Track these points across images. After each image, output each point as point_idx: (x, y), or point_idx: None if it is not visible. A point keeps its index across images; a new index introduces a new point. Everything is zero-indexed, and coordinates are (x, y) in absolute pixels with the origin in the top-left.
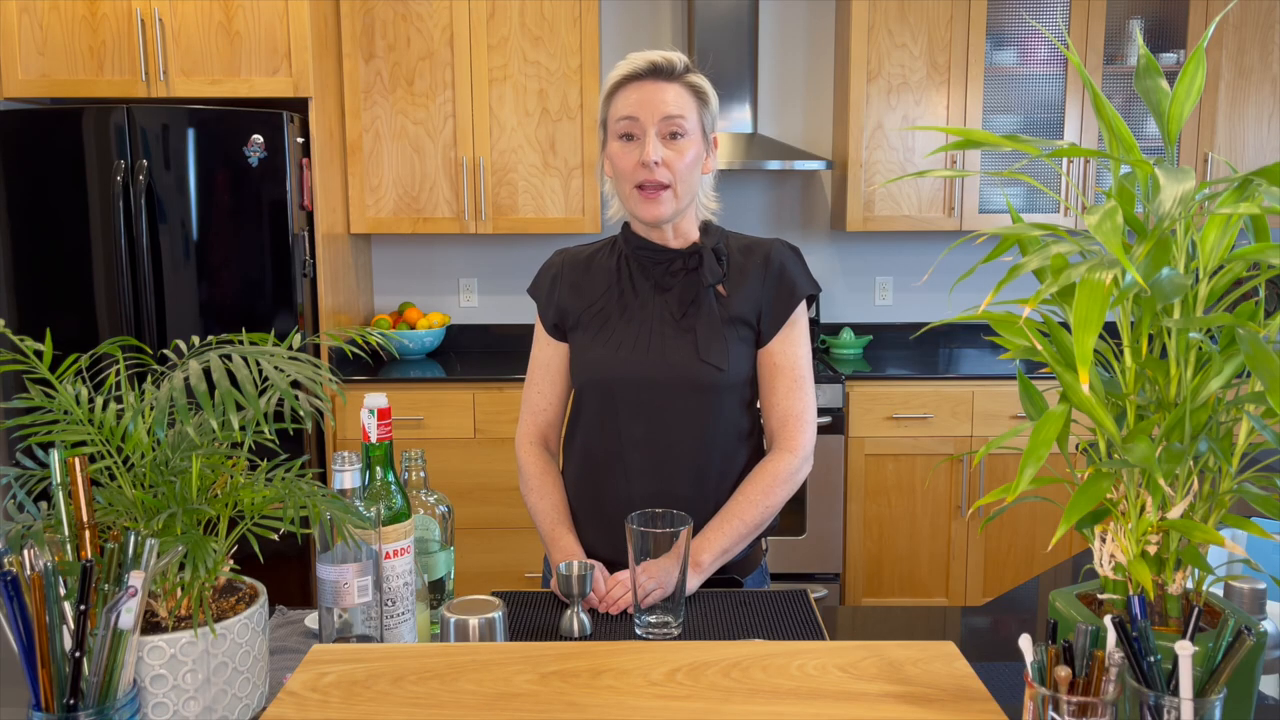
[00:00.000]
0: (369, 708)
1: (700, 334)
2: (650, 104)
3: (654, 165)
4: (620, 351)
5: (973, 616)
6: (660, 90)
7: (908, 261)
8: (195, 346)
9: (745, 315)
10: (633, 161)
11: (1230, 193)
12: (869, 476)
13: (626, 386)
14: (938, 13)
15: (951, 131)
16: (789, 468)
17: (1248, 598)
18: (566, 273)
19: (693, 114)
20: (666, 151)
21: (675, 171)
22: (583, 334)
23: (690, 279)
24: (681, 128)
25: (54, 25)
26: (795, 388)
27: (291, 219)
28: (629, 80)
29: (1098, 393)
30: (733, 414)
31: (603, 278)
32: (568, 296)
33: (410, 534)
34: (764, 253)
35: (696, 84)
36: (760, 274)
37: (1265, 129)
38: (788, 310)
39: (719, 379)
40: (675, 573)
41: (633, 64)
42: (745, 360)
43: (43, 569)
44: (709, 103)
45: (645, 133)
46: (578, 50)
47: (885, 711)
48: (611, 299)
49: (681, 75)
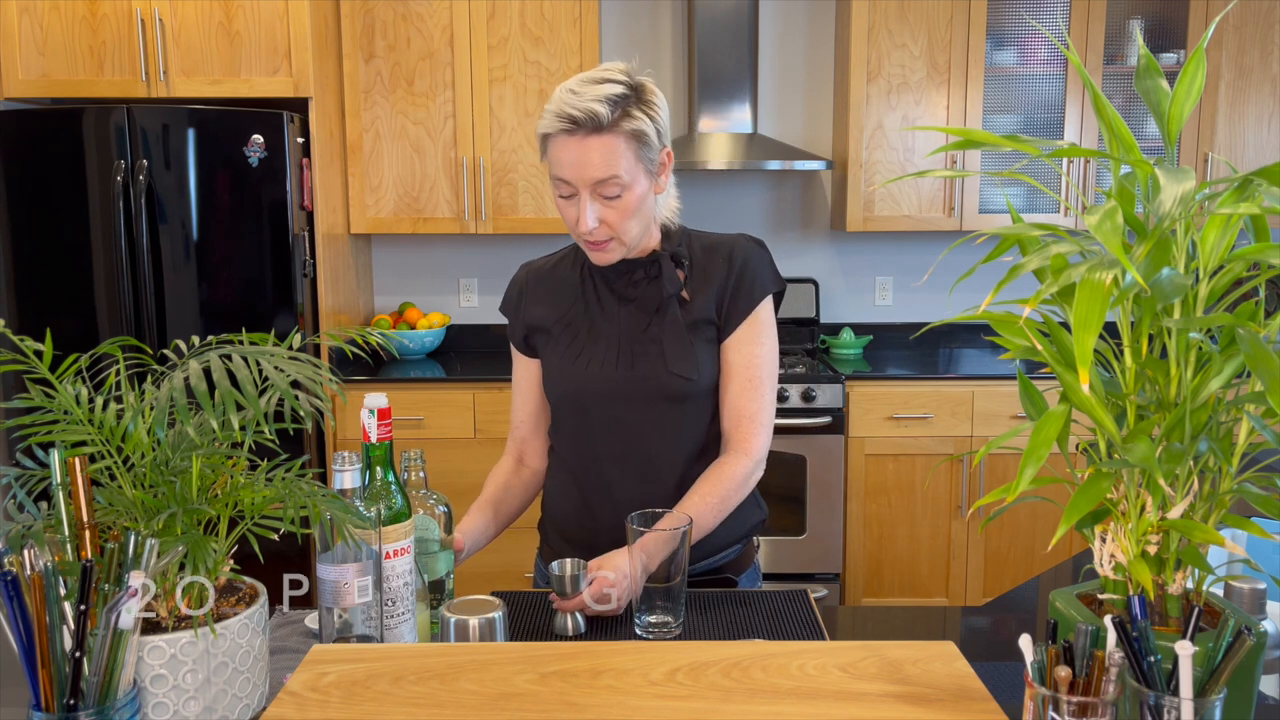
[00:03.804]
0: (369, 708)
1: (667, 344)
2: (579, 165)
3: (591, 230)
4: (590, 368)
5: (973, 616)
6: (588, 150)
7: (908, 261)
8: (195, 346)
9: (708, 315)
10: (572, 219)
11: (1230, 193)
12: (869, 476)
13: (599, 402)
14: (938, 13)
15: (951, 131)
16: (743, 470)
17: (1248, 598)
18: (531, 287)
19: (628, 162)
20: (604, 210)
21: (616, 226)
22: (552, 349)
23: (653, 287)
24: (617, 185)
25: (54, 25)
26: (749, 388)
27: (291, 219)
28: (555, 134)
29: (1098, 393)
30: (710, 418)
31: (567, 291)
32: (533, 311)
33: (410, 534)
34: (727, 251)
35: (631, 129)
36: (723, 272)
37: (1265, 129)
38: (748, 308)
39: (689, 388)
40: (625, 567)
41: (556, 117)
42: (715, 363)
43: (43, 569)
44: (648, 139)
45: (579, 195)
46: (578, 50)
47: (885, 711)
48: (578, 312)
49: (613, 125)
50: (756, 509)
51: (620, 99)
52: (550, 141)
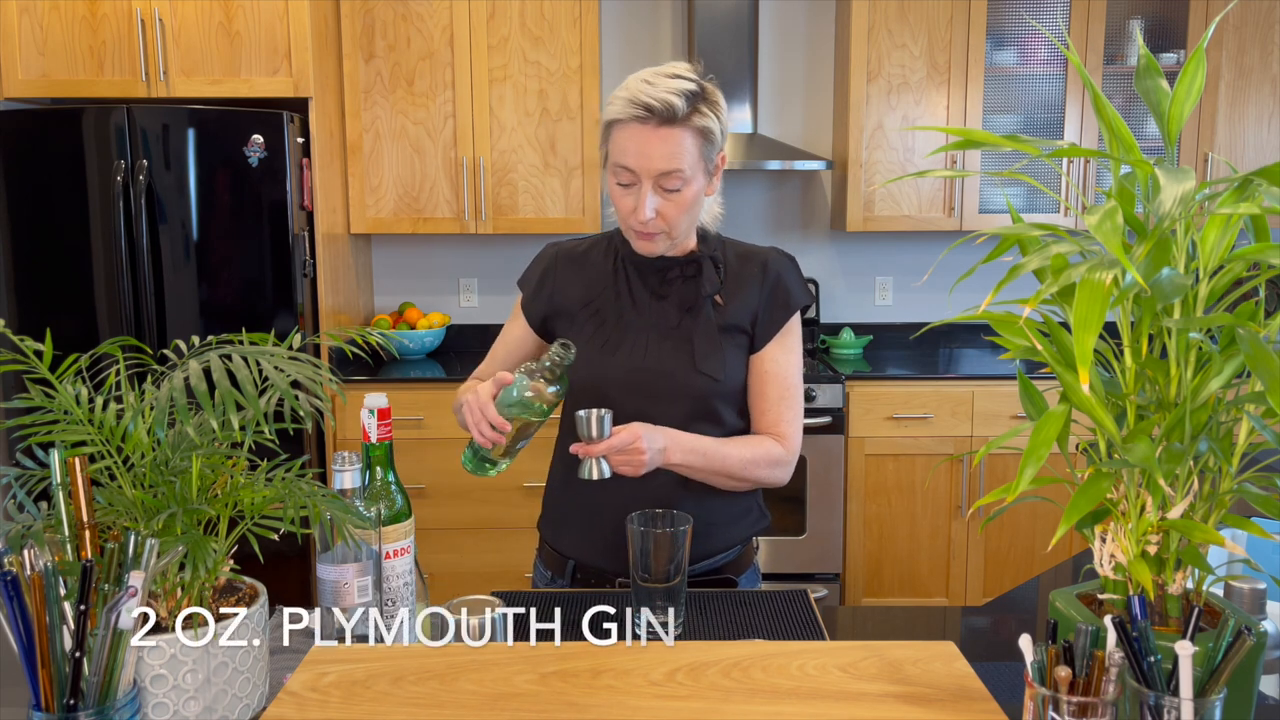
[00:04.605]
0: (369, 708)
1: (697, 343)
2: (646, 156)
3: (647, 220)
4: (616, 357)
5: (973, 616)
6: (657, 141)
7: (908, 261)
8: (195, 346)
9: (741, 323)
10: (628, 208)
11: (1230, 193)
12: (869, 476)
13: (620, 393)
14: (938, 13)
15: (951, 131)
16: (779, 453)
17: (1248, 598)
18: (561, 267)
19: (692, 158)
20: (663, 203)
21: (670, 220)
22: (576, 334)
23: (687, 287)
24: (679, 179)
25: (54, 25)
26: (786, 395)
27: (291, 219)
28: (626, 121)
29: (1098, 393)
30: (726, 420)
31: (598, 277)
32: (562, 293)
33: (410, 534)
34: (761, 261)
35: (700, 125)
36: (757, 282)
37: (1265, 129)
38: (783, 319)
39: (714, 388)
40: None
41: (630, 104)
42: (740, 368)
43: (43, 569)
44: (714, 138)
45: (640, 184)
46: (578, 50)
47: (885, 711)
48: (607, 301)
49: (685, 119)
50: (761, 515)
51: (692, 95)
52: (618, 128)
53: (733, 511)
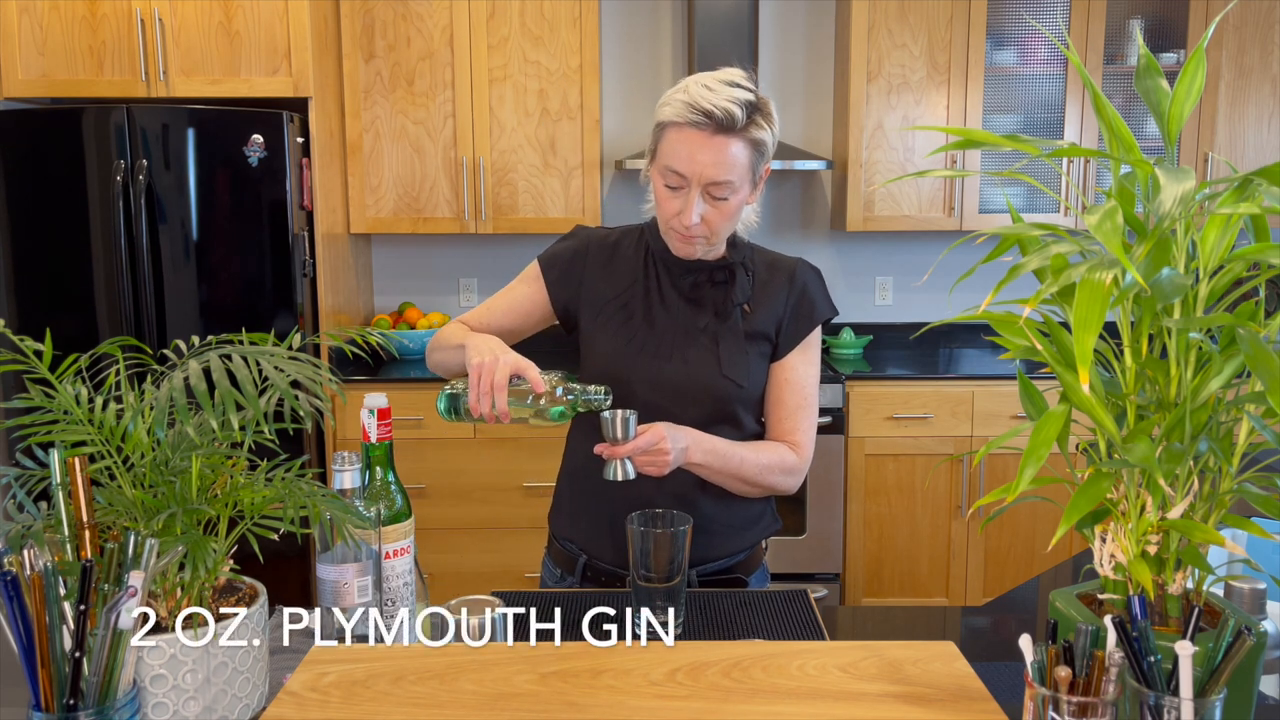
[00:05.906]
0: (369, 708)
1: (723, 348)
2: (699, 163)
3: (692, 225)
4: (643, 353)
5: (973, 616)
6: (712, 149)
7: (908, 261)
8: (195, 346)
9: (766, 330)
10: (672, 210)
11: (1230, 193)
12: (869, 476)
13: (644, 389)
14: (938, 13)
15: (951, 131)
16: (793, 460)
17: (1248, 598)
18: (594, 254)
19: (743, 168)
20: (709, 209)
21: (713, 227)
22: (601, 327)
23: (717, 291)
24: (729, 189)
25: (54, 25)
26: (803, 404)
27: (291, 219)
28: (682, 124)
29: (1098, 393)
30: (745, 424)
31: (627, 271)
32: (592, 282)
33: (410, 534)
34: (789, 271)
35: (755, 136)
36: (784, 291)
37: (1265, 129)
38: (806, 330)
39: (737, 393)
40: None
41: (689, 108)
42: (762, 375)
43: (43, 569)
44: (765, 150)
45: (688, 189)
46: (578, 50)
47: (885, 711)
48: (636, 297)
49: (742, 129)
50: (774, 519)
51: (750, 106)
52: (672, 130)
53: (749, 515)
